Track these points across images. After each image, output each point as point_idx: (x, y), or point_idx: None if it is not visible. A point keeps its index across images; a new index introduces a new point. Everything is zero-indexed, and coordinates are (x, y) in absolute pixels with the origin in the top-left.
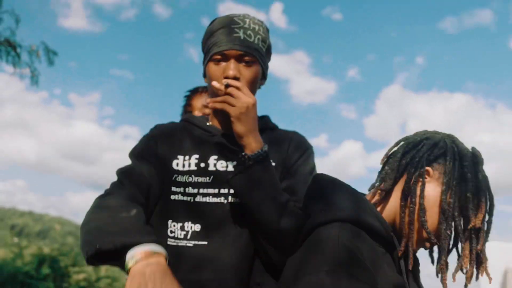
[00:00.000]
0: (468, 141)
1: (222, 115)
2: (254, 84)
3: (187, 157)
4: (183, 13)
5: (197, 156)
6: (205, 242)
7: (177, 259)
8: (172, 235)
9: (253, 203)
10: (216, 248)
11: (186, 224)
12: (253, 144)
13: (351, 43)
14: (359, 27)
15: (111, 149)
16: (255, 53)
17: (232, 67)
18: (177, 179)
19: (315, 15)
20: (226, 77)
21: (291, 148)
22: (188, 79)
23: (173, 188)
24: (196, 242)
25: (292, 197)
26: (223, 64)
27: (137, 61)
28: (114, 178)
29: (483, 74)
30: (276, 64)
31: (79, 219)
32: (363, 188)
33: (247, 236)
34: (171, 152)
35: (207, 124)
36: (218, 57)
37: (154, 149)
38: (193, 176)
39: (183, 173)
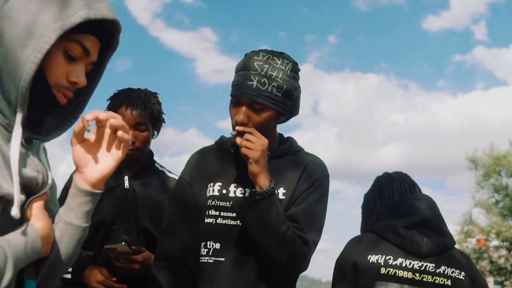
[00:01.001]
0: (381, 121)
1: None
2: (265, 127)
3: (211, 184)
4: None
5: (220, 183)
6: (223, 259)
7: (200, 273)
8: (203, 253)
9: (257, 235)
10: (232, 264)
11: (208, 242)
12: (263, 181)
13: (260, 20)
14: (270, 4)
15: None
16: (265, 101)
17: (242, 113)
18: (208, 203)
19: None
20: (236, 122)
21: (303, 176)
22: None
23: (207, 211)
24: (216, 259)
25: (294, 223)
26: (237, 108)
27: None
28: None
29: (396, 55)
30: (182, 42)
31: None
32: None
33: (257, 256)
34: (202, 181)
35: (231, 150)
36: (233, 100)
37: (187, 194)
38: (215, 200)
39: (213, 197)
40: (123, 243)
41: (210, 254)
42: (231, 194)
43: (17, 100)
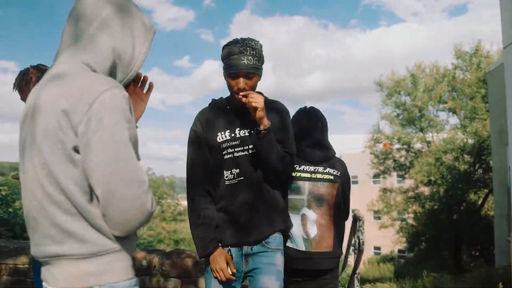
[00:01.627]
0: (307, 55)
1: (236, 103)
2: (254, 87)
3: (223, 133)
4: None
5: (228, 130)
6: (242, 178)
7: (231, 191)
8: (226, 178)
9: (267, 155)
10: (248, 180)
11: (232, 170)
12: (266, 122)
13: None
14: None
15: None
16: (254, 71)
17: (241, 82)
18: (222, 145)
19: None
20: (238, 88)
21: (276, 115)
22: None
23: (224, 152)
24: (239, 179)
25: (280, 144)
26: (236, 80)
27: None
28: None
29: (318, 1)
30: None
31: None
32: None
33: (260, 171)
34: (212, 132)
35: (228, 107)
36: (232, 75)
37: (202, 136)
38: (230, 142)
39: (224, 142)
40: None
41: (235, 177)
42: (238, 136)
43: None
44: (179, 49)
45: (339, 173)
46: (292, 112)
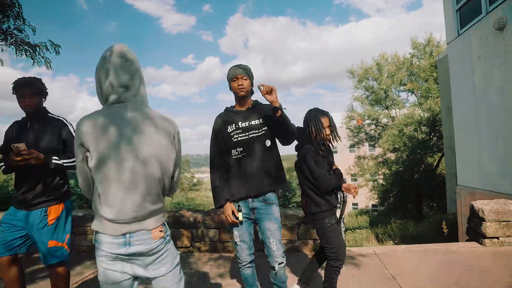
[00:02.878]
0: (290, 48)
1: (241, 102)
2: (249, 88)
3: (232, 125)
4: None
5: (234, 123)
6: (245, 153)
7: (238, 164)
8: (234, 154)
9: (288, 123)
10: (250, 156)
11: (237, 148)
12: (278, 103)
13: None
14: None
15: None
16: (245, 75)
17: (239, 80)
18: (231, 134)
19: None
20: (239, 85)
21: (268, 110)
22: (73, 26)
23: (232, 138)
24: (243, 154)
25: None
26: (236, 81)
27: None
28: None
29: (295, 2)
30: (148, 6)
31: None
32: (223, 88)
33: (261, 150)
34: (225, 126)
35: (234, 109)
36: (233, 79)
37: (220, 129)
38: (235, 130)
39: (232, 131)
40: (22, 143)
41: (239, 153)
42: (240, 126)
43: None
44: (184, 48)
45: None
46: (279, 98)
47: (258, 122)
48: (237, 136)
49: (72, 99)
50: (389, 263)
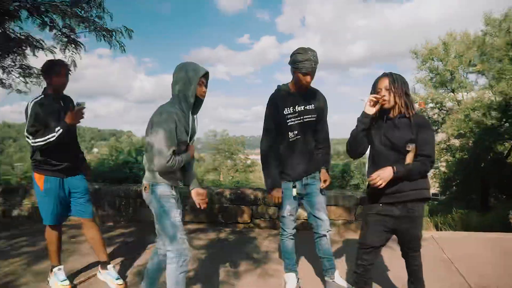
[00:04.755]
0: (350, 27)
1: (300, 87)
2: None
3: (288, 108)
4: None
5: (292, 106)
6: (299, 137)
7: (294, 146)
8: (290, 136)
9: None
10: (303, 139)
11: (294, 131)
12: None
13: None
14: None
15: (90, 67)
16: (314, 72)
17: (308, 78)
18: (287, 116)
19: None
20: (307, 82)
21: (322, 97)
22: (130, 6)
23: (287, 120)
24: (297, 137)
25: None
26: (305, 76)
27: None
28: (98, 87)
29: None
30: None
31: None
32: (279, 68)
33: (313, 133)
34: (282, 107)
35: (291, 91)
36: (305, 72)
37: (276, 108)
38: (291, 114)
39: (289, 114)
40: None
41: (295, 136)
42: (297, 110)
43: (190, 105)
44: (240, 28)
45: None
46: (337, 79)
47: (312, 107)
48: (293, 119)
49: (130, 79)
50: (447, 248)
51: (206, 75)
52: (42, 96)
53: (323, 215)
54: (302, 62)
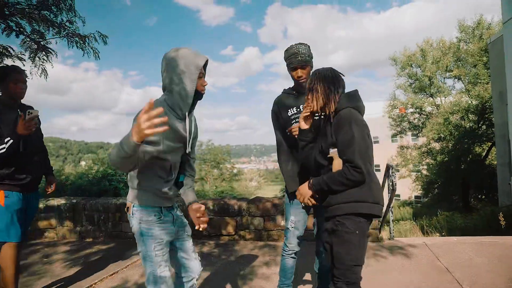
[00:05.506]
0: (330, 37)
1: (299, 85)
2: (309, 73)
3: (292, 109)
4: None
5: (295, 107)
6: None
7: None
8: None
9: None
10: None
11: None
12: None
13: None
14: None
15: (76, 81)
16: (307, 63)
17: (299, 72)
18: (291, 117)
19: None
20: (298, 76)
21: None
22: (116, 22)
23: (292, 122)
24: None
25: None
26: (295, 71)
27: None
28: (85, 100)
29: None
30: (188, 0)
31: (67, 136)
32: (262, 79)
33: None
34: (285, 110)
35: (293, 92)
36: (292, 68)
37: (279, 113)
38: (296, 114)
39: (292, 115)
40: (37, 110)
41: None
42: (302, 109)
43: (187, 104)
44: (223, 40)
45: None
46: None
47: None
48: (297, 119)
49: (116, 92)
50: (442, 255)
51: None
52: (5, 103)
53: None
54: (289, 58)
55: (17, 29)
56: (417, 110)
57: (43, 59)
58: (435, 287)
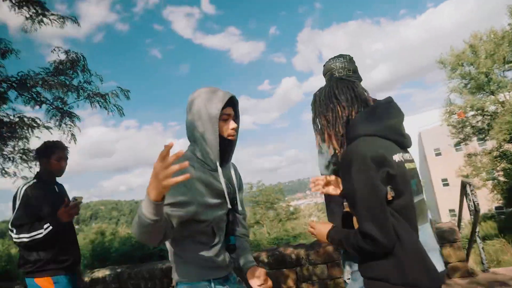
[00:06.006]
0: (368, 52)
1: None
2: None
3: None
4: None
5: None
6: None
7: None
8: None
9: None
10: None
11: None
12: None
13: (264, 7)
14: (262, 2)
15: (119, 140)
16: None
17: None
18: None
19: None
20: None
21: None
22: (151, 77)
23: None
24: None
25: None
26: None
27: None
28: (129, 159)
29: (367, 3)
30: (216, 41)
31: (117, 197)
32: (303, 108)
33: None
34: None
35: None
36: None
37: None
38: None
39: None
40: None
41: None
42: None
43: (215, 153)
44: (258, 75)
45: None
46: None
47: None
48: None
49: (159, 145)
50: None
51: (232, 103)
52: (35, 180)
53: None
54: (325, 76)
55: (39, 99)
56: (478, 111)
57: (70, 124)
58: None
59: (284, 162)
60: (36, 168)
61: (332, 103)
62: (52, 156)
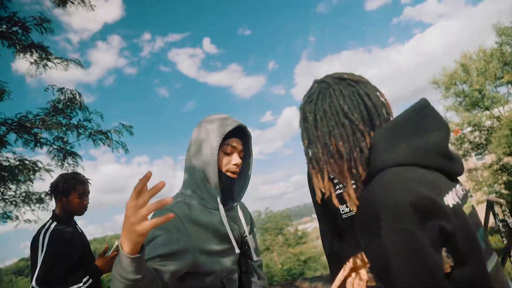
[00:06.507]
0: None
1: None
2: None
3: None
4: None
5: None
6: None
7: (351, 223)
8: (343, 212)
9: None
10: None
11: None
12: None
13: (262, 43)
14: (266, 34)
15: (132, 176)
16: None
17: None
18: (335, 188)
19: (233, 35)
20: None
21: None
22: (160, 114)
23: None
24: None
25: None
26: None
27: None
28: None
29: (356, 32)
30: (219, 78)
31: None
32: None
33: None
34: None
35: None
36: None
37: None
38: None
39: (336, 183)
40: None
41: (350, 210)
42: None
43: (214, 191)
44: (260, 108)
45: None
46: None
47: None
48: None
49: (171, 178)
50: None
51: (243, 135)
52: (55, 223)
53: None
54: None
55: (39, 140)
56: (475, 127)
57: (72, 164)
58: None
59: (290, 188)
60: (38, 210)
61: (342, 126)
62: (73, 192)
